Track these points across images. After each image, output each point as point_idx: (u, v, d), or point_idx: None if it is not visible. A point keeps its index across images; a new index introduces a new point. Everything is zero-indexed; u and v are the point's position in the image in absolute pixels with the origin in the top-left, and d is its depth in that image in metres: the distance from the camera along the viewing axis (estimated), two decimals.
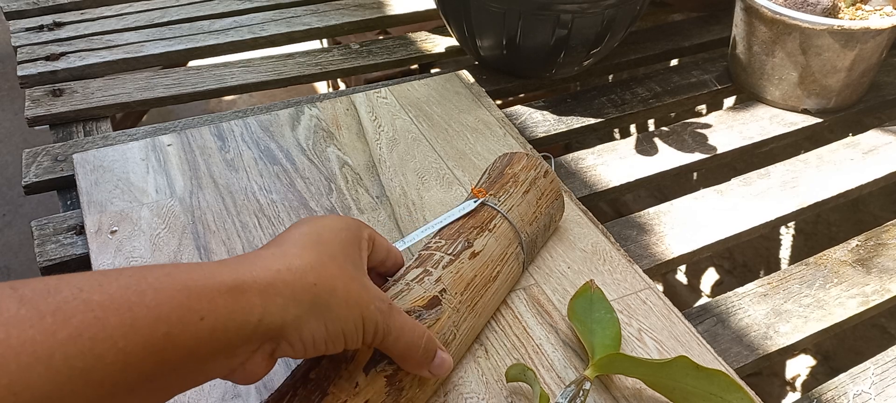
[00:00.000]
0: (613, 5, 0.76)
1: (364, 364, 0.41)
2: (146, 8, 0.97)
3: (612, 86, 0.88)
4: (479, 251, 0.50)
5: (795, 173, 0.74)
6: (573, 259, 0.59)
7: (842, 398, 0.53)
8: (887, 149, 0.78)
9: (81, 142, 0.73)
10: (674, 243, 0.65)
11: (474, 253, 0.50)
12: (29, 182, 0.68)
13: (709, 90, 0.88)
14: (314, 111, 0.74)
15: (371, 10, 1.00)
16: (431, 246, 0.51)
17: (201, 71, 0.85)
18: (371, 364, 0.41)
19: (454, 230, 0.52)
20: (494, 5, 0.76)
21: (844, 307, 0.60)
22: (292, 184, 0.65)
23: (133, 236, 0.58)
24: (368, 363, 0.41)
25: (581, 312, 0.51)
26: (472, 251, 0.50)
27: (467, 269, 0.49)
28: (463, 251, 0.50)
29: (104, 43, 0.88)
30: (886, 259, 0.64)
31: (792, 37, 0.77)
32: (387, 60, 0.90)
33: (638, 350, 0.51)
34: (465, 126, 0.73)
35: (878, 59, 0.80)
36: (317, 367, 0.40)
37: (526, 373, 0.46)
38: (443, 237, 0.52)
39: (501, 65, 0.86)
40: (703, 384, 0.44)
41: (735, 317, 0.59)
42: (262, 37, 0.92)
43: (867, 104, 0.86)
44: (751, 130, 0.80)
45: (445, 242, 0.51)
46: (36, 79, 0.82)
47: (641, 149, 0.77)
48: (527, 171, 0.57)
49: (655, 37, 0.99)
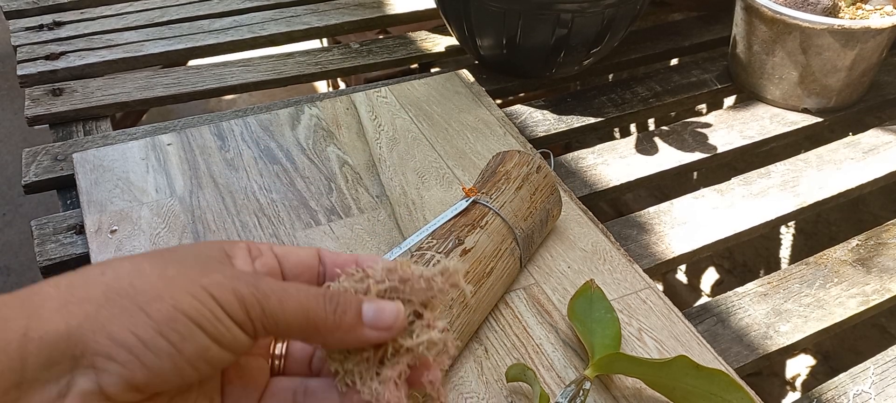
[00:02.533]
0: (613, 5, 0.76)
1: None
2: (146, 7, 0.97)
3: (613, 85, 0.88)
4: (470, 248, 0.50)
5: (796, 173, 0.74)
6: (573, 258, 0.59)
7: (842, 398, 0.53)
8: (888, 149, 0.78)
9: (81, 142, 0.73)
10: (674, 242, 0.65)
11: (466, 250, 0.50)
12: (29, 181, 0.68)
13: (709, 89, 0.88)
14: (314, 110, 0.74)
15: (371, 10, 1.00)
16: (423, 246, 0.51)
17: (201, 70, 0.85)
18: None
19: (445, 229, 0.53)
20: (494, 5, 0.76)
21: (844, 306, 0.60)
22: (292, 184, 0.65)
23: (133, 235, 0.58)
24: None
25: (581, 312, 0.51)
26: (463, 248, 0.50)
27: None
28: (454, 248, 0.50)
29: (104, 42, 0.88)
30: (886, 258, 0.64)
31: (792, 36, 0.77)
32: (387, 60, 0.90)
33: (638, 350, 0.51)
34: (465, 125, 0.73)
35: (878, 59, 0.80)
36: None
37: (526, 373, 0.46)
38: (435, 237, 0.52)
39: (501, 64, 0.86)
40: (703, 383, 0.44)
41: (735, 317, 0.59)
42: (261, 36, 0.92)
43: (867, 103, 0.85)
44: (751, 130, 0.80)
45: (437, 241, 0.51)
46: (36, 78, 0.82)
47: (641, 149, 0.77)
48: (519, 168, 0.57)
49: (655, 36, 0.99)
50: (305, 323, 0.30)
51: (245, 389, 0.32)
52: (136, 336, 0.26)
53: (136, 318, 0.26)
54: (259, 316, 0.28)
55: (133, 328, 0.26)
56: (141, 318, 0.26)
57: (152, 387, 0.27)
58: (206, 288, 0.28)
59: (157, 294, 0.27)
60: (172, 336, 0.27)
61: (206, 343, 0.27)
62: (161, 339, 0.26)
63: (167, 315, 0.27)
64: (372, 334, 0.30)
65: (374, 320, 0.31)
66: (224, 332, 0.28)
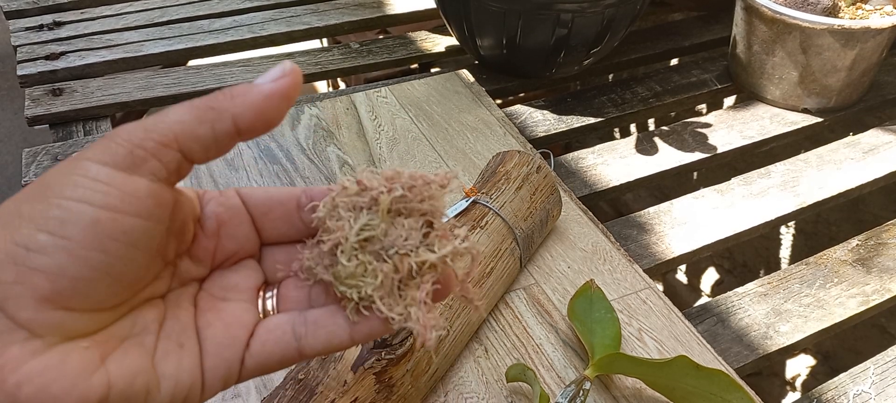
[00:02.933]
0: (613, 5, 0.76)
1: (351, 363, 0.40)
2: (146, 7, 0.97)
3: (613, 85, 0.88)
4: None
5: (796, 172, 0.74)
6: (573, 258, 0.59)
7: (842, 398, 0.53)
8: (888, 149, 0.78)
9: (81, 142, 0.73)
10: (674, 243, 0.65)
11: None
12: (29, 181, 0.68)
13: (709, 89, 0.88)
14: (314, 110, 0.74)
15: (371, 10, 1.00)
16: None
17: (201, 70, 0.85)
18: (359, 362, 0.41)
19: None
20: (494, 5, 0.76)
21: (844, 306, 0.60)
22: (292, 184, 0.65)
23: None
24: (356, 360, 0.41)
25: (581, 312, 0.51)
26: None
27: None
28: None
29: (104, 42, 0.88)
30: (886, 258, 0.64)
31: (792, 36, 0.77)
32: (387, 60, 0.90)
33: (638, 350, 0.51)
34: (465, 125, 0.73)
35: (878, 59, 0.80)
36: (305, 368, 0.40)
37: (526, 373, 0.46)
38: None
39: (501, 64, 0.86)
40: (703, 384, 0.44)
41: (735, 317, 0.59)
42: (261, 36, 0.92)
43: (867, 103, 0.85)
44: (751, 130, 0.80)
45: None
46: (36, 78, 0.82)
47: (641, 149, 0.77)
48: (519, 168, 0.57)
49: (655, 36, 0.99)
50: (195, 110, 0.26)
51: (228, 328, 0.28)
52: (16, 244, 0.23)
53: (13, 224, 0.23)
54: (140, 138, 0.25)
55: (12, 237, 0.23)
56: (18, 223, 0.23)
57: (69, 294, 0.23)
58: (79, 156, 0.24)
59: (34, 192, 0.24)
60: (50, 224, 0.23)
61: (91, 215, 0.23)
62: (40, 233, 0.23)
63: (42, 205, 0.23)
64: (268, 85, 0.26)
65: (268, 77, 0.27)
66: (105, 188, 0.24)
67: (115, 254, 0.24)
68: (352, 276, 0.27)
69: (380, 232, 0.28)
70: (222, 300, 0.29)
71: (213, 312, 0.28)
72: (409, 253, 0.27)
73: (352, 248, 0.27)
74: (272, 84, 0.26)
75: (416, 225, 0.28)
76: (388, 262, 0.27)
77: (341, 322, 0.28)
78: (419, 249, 0.28)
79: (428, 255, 0.27)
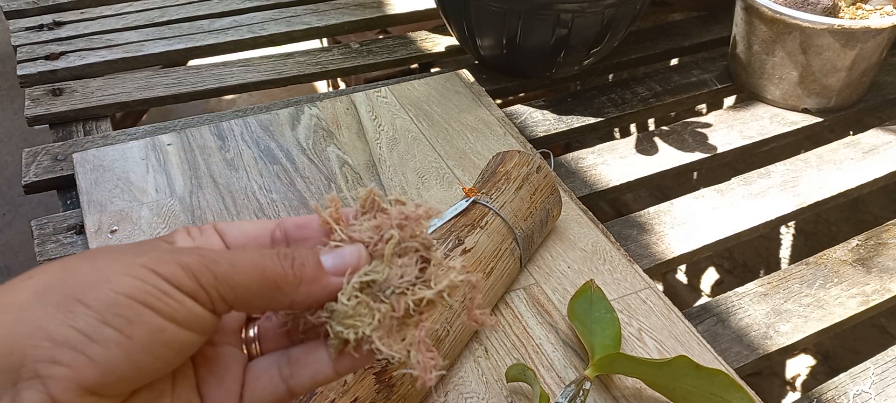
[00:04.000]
0: (613, 5, 0.76)
1: None
2: (146, 7, 0.97)
3: (613, 85, 0.88)
4: (470, 248, 0.50)
5: (795, 172, 0.74)
6: (573, 258, 0.59)
7: (842, 398, 0.53)
8: (888, 149, 0.78)
9: (81, 142, 0.73)
10: (674, 243, 0.65)
11: (466, 250, 0.50)
12: (29, 181, 0.68)
13: (709, 89, 0.88)
14: (314, 110, 0.74)
15: (371, 10, 1.00)
16: None
17: (201, 70, 0.85)
18: None
19: (445, 229, 0.52)
20: (494, 5, 0.76)
21: (844, 306, 0.60)
22: (292, 184, 0.65)
23: (133, 235, 0.58)
24: None
25: (581, 312, 0.51)
26: (463, 248, 0.50)
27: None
28: (454, 248, 0.50)
29: (104, 42, 0.88)
30: (886, 258, 0.64)
31: (792, 36, 0.77)
32: (387, 59, 0.90)
33: (638, 350, 0.51)
34: (465, 125, 0.73)
35: (878, 59, 0.80)
36: None
37: (526, 373, 0.46)
38: (434, 237, 0.52)
39: (501, 64, 0.86)
40: (703, 384, 0.44)
41: (735, 317, 0.59)
42: (261, 36, 0.92)
43: (867, 103, 0.85)
44: (751, 130, 0.80)
45: (437, 241, 0.51)
46: (36, 78, 0.82)
47: (641, 149, 0.77)
48: (519, 168, 0.57)
49: (655, 36, 0.99)
50: (263, 282, 0.27)
51: (222, 381, 0.29)
52: (76, 330, 0.23)
53: (74, 310, 0.23)
54: (211, 282, 0.26)
55: (71, 321, 0.23)
56: (79, 309, 0.23)
57: (109, 386, 0.24)
58: (146, 265, 0.25)
59: (92, 281, 0.24)
60: (117, 321, 0.24)
61: (158, 323, 0.24)
62: (105, 327, 0.23)
63: (107, 299, 0.24)
64: (336, 281, 0.28)
65: (336, 264, 0.28)
66: (177, 306, 0.25)
67: (163, 360, 0.25)
68: (349, 317, 0.28)
69: (381, 276, 0.28)
70: (211, 345, 0.30)
71: (205, 367, 0.29)
72: (406, 291, 0.28)
73: (352, 290, 0.28)
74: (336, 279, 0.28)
75: (410, 263, 0.28)
76: (385, 302, 0.28)
77: (324, 358, 0.29)
78: (416, 286, 0.28)
79: (425, 292, 0.28)
